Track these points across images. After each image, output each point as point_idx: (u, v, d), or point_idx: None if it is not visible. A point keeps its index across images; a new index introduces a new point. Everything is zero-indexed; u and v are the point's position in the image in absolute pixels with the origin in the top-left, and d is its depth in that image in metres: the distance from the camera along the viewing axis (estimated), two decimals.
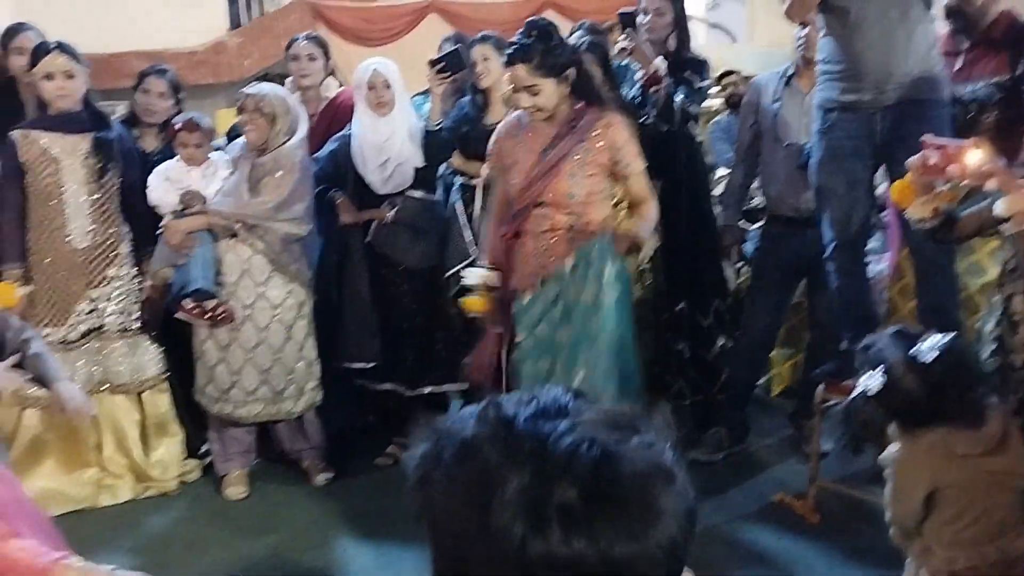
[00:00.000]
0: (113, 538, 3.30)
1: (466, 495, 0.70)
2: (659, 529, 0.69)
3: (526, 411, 0.73)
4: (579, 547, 0.66)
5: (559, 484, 0.67)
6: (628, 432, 0.72)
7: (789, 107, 3.59)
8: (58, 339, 3.41)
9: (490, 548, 0.67)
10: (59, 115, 3.37)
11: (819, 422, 3.31)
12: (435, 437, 0.75)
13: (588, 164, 2.82)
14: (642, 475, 0.70)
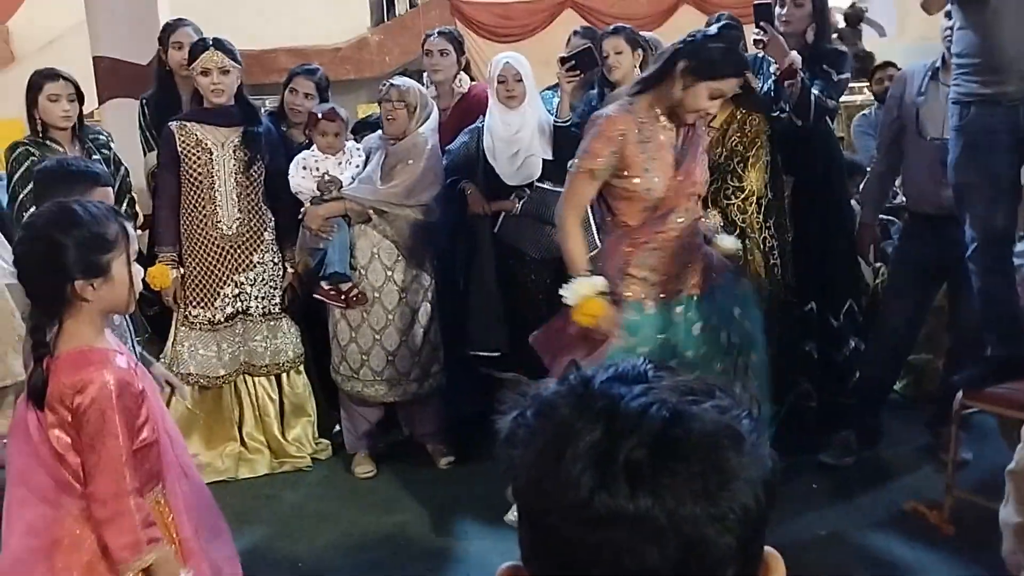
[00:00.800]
0: (251, 509, 3.49)
1: (542, 448, 0.72)
2: (729, 492, 0.69)
3: (604, 375, 0.75)
4: (645, 504, 0.67)
5: (627, 441, 0.68)
6: (702, 397, 0.73)
7: (934, 101, 3.44)
8: (206, 320, 3.63)
9: (561, 500, 0.69)
10: (213, 108, 3.57)
11: (957, 429, 3.16)
12: (521, 401, 0.78)
13: (700, 153, 2.84)
14: (710, 435, 0.70)
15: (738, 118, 3.47)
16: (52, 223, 1.83)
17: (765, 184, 3.49)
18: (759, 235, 3.47)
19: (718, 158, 3.44)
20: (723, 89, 2.68)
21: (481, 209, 3.74)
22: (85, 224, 1.81)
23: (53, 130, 3.61)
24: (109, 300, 1.85)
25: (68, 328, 1.82)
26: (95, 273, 1.80)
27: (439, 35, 4.04)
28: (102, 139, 3.80)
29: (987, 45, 2.91)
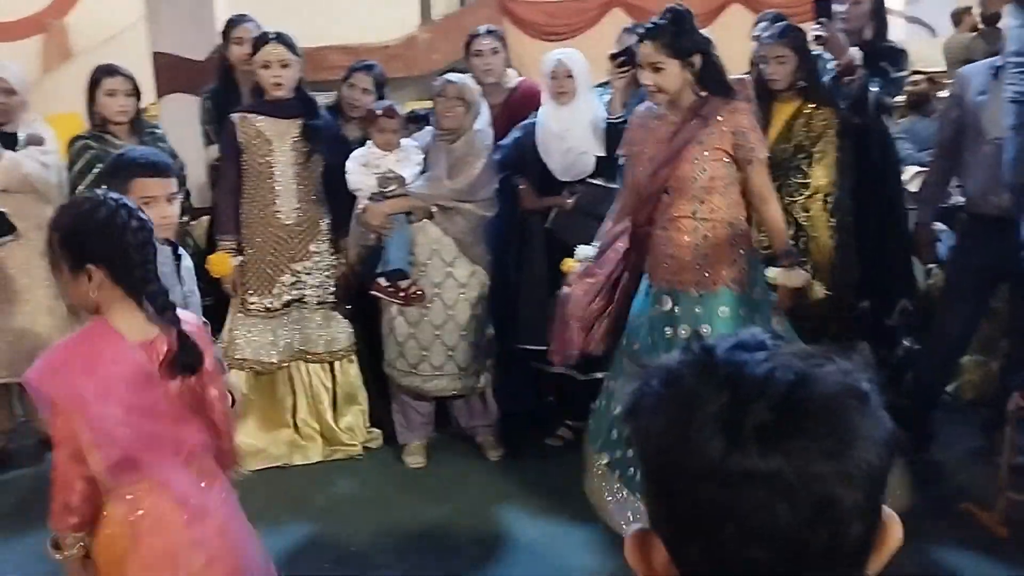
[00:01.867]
0: (304, 495, 3.56)
1: (670, 415, 0.75)
2: (855, 450, 0.71)
3: (726, 344, 0.78)
4: (776, 463, 0.69)
5: (755, 404, 0.71)
6: (824, 361, 0.75)
7: (995, 101, 3.38)
8: (263, 307, 3.70)
9: (692, 463, 0.72)
10: (273, 101, 3.63)
11: (1012, 431, 3.13)
12: (645, 374, 0.81)
13: (711, 149, 2.83)
14: (835, 396, 0.72)
15: (805, 112, 3.45)
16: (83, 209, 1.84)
17: (832, 181, 3.46)
18: (824, 233, 3.45)
19: (782, 154, 3.42)
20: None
21: (533, 205, 3.77)
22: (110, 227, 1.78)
23: (111, 124, 3.70)
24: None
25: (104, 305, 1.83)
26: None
27: (488, 34, 4.05)
28: (158, 133, 3.89)
29: None
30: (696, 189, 2.86)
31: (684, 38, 2.82)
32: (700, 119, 2.86)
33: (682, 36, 2.82)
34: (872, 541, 0.75)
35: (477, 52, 4.02)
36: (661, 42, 2.81)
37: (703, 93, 2.88)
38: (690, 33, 2.85)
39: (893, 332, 3.74)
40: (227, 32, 4.05)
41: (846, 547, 0.72)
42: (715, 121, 2.85)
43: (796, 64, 3.39)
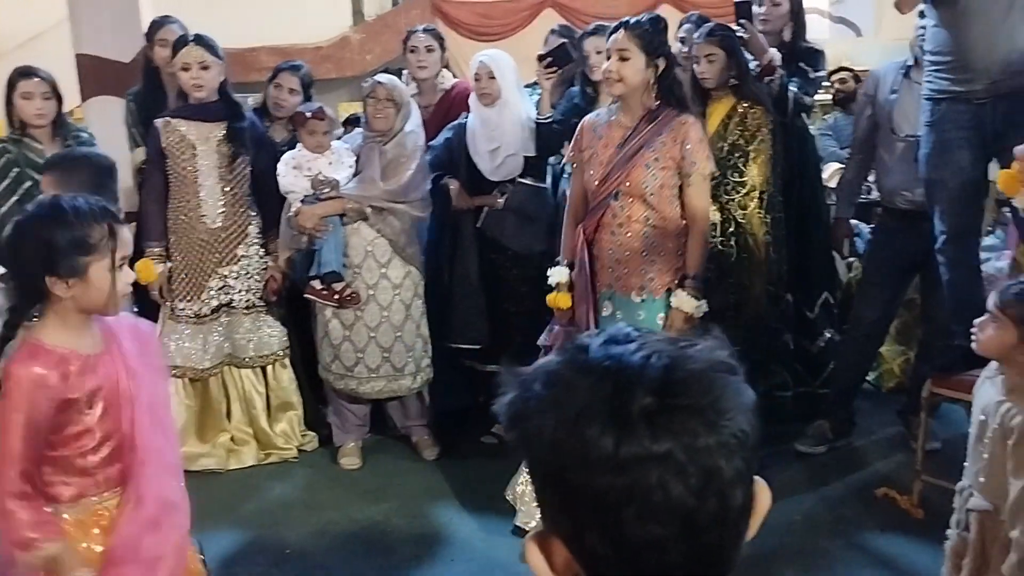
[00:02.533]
0: (240, 499, 3.54)
1: (557, 414, 0.78)
2: (730, 420, 0.76)
3: (598, 340, 0.82)
4: (666, 443, 0.73)
5: (636, 392, 0.75)
6: (689, 343, 0.81)
7: (907, 99, 3.52)
8: (192, 312, 3.67)
9: (586, 456, 0.75)
10: (197, 104, 3.60)
11: (927, 417, 3.26)
12: (520, 379, 0.83)
13: (663, 157, 2.86)
14: (707, 372, 0.78)
15: (739, 111, 3.50)
16: (39, 218, 1.84)
17: (767, 179, 3.53)
18: (760, 231, 3.54)
19: (719, 153, 3.47)
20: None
21: (464, 204, 3.80)
22: (70, 224, 1.80)
23: (30, 127, 3.63)
24: (84, 301, 1.84)
25: (48, 320, 1.85)
26: (70, 273, 1.80)
27: (424, 32, 4.08)
28: (84, 136, 3.82)
29: (956, 43, 2.99)
30: (646, 195, 2.88)
31: (657, 38, 2.87)
32: (654, 126, 2.88)
33: (655, 35, 2.87)
34: (750, 506, 0.80)
35: (412, 48, 4.03)
36: (635, 33, 2.85)
37: (657, 102, 2.91)
38: (662, 36, 2.91)
39: (815, 324, 3.86)
40: (151, 34, 4.00)
41: (732, 513, 0.77)
42: (668, 130, 2.88)
43: (726, 62, 3.45)
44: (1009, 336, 2.20)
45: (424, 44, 4.01)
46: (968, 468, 2.36)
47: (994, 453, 2.23)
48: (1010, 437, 2.17)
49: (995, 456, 2.23)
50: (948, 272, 3.15)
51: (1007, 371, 2.25)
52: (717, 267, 3.51)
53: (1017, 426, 2.16)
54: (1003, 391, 2.24)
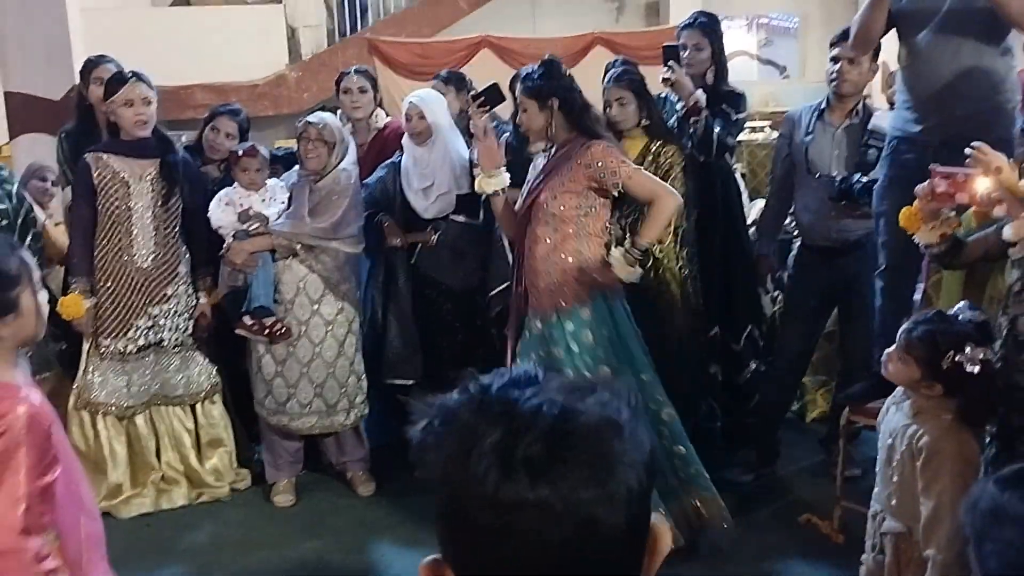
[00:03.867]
0: (170, 540, 3.50)
1: (450, 449, 0.82)
2: (616, 476, 0.79)
3: (500, 381, 0.86)
4: (543, 492, 0.76)
5: (524, 438, 0.78)
6: (586, 392, 0.84)
7: (820, 140, 3.67)
8: (117, 350, 3.63)
9: (470, 493, 0.79)
10: (130, 140, 3.58)
11: (845, 444, 3.39)
12: (427, 413, 0.88)
13: (567, 181, 3.07)
14: (596, 427, 0.81)
15: (652, 150, 3.62)
16: None
17: (682, 215, 3.67)
18: (676, 264, 3.65)
19: None
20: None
21: (398, 241, 3.85)
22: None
23: None
24: (21, 334, 1.87)
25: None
26: (5, 311, 1.81)
27: (356, 73, 4.15)
28: (3, 174, 3.80)
29: (909, 85, 3.11)
30: (548, 216, 3.09)
31: (544, 84, 3.11)
32: (563, 155, 3.11)
33: (542, 82, 3.11)
34: (639, 552, 0.84)
35: (346, 90, 4.10)
36: (525, 86, 3.16)
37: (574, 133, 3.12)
38: (552, 80, 3.12)
39: (741, 356, 3.98)
40: (86, 72, 3.98)
41: (612, 561, 0.81)
42: (574, 157, 3.08)
43: (636, 104, 3.60)
44: (913, 373, 2.32)
45: (357, 85, 4.09)
46: (879, 492, 2.47)
47: (904, 475, 2.35)
48: (918, 458, 2.29)
49: (905, 478, 2.34)
50: (880, 299, 3.27)
51: (913, 395, 2.37)
52: (637, 301, 3.62)
53: (925, 446, 2.27)
54: (910, 414, 2.36)
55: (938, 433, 2.27)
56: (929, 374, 2.28)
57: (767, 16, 11.51)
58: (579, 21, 10.12)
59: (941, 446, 2.26)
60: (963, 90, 2.97)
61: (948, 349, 2.24)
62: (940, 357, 2.25)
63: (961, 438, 2.28)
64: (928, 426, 2.29)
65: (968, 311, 2.35)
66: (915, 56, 3.07)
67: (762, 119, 9.34)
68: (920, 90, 3.07)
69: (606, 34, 9.78)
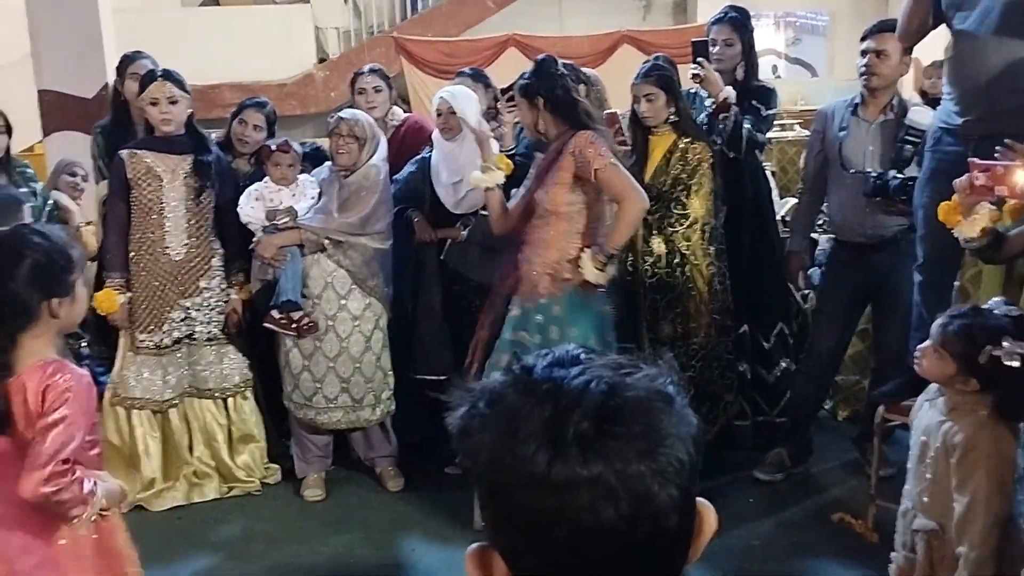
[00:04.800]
0: (201, 533, 3.52)
1: (497, 432, 0.81)
2: (666, 449, 0.78)
3: (543, 362, 0.85)
4: (596, 468, 0.76)
5: (573, 415, 0.77)
6: (632, 369, 0.84)
7: (855, 136, 3.62)
8: (153, 344, 3.66)
9: (521, 474, 0.78)
10: (164, 137, 3.63)
11: (880, 442, 3.34)
12: (469, 396, 0.86)
13: (556, 173, 3.11)
14: (645, 401, 0.80)
15: (680, 147, 3.62)
16: (27, 244, 1.91)
17: (709, 211, 3.66)
18: (703, 262, 3.64)
19: (661, 186, 3.61)
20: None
21: (427, 237, 3.86)
22: (57, 245, 1.93)
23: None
24: (71, 317, 1.97)
25: (28, 346, 1.90)
26: (64, 292, 1.92)
27: (371, 73, 4.17)
28: (29, 172, 3.89)
29: (952, 75, 3.06)
30: (543, 211, 3.15)
31: (531, 82, 3.19)
32: (556, 148, 3.17)
33: (531, 81, 3.20)
34: (690, 530, 0.83)
35: (361, 90, 4.13)
36: (517, 85, 3.26)
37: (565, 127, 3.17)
38: (540, 78, 3.19)
39: (771, 354, 3.95)
40: (122, 68, 4.04)
41: (666, 537, 0.79)
42: (564, 150, 3.14)
43: (665, 100, 3.59)
44: (948, 368, 2.29)
45: (372, 85, 4.12)
46: (910, 489, 2.44)
47: (937, 472, 2.31)
48: (952, 455, 2.26)
49: (938, 475, 2.31)
50: (919, 294, 3.22)
51: (947, 392, 2.33)
52: (663, 297, 3.62)
53: (960, 443, 2.24)
54: (944, 411, 2.33)
55: (973, 429, 2.24)
56: (965, 369, 2.25)
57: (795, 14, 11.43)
58: (606, 20, 10.12)
59: (977, 442, 2.23)
60: (1008, 84, 2.91)
61: (984, 343, 2.21)
62: (976, 352, 2.22)
63: (997, 434, 2.24)
64: (963, 422, 2.26)
65: (1003, 306, 2.31)
66: (961, 48, 3.02)
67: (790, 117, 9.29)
68: (964, 83, 3.01)
69: (633, 32, 9.78)
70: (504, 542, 0.82)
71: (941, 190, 3.01)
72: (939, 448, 2.29)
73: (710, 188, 3.64)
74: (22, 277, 1.88)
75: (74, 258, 1.96)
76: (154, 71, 3.64)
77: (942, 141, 3.11)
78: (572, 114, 3.17)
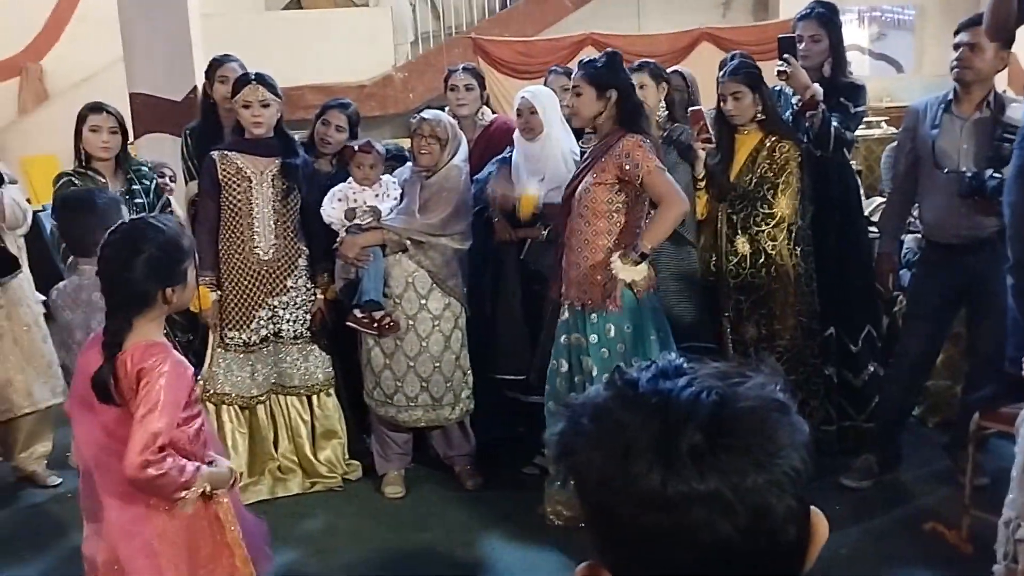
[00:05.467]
0: (284, 528, 3.56)
1: (606, 451, 0.79)
2: (782, 459, 0.76)
3: (648, 374, 0.82)
4: (713, 482, 0.73)
5: (685, 429, 0.75)
6: (740, 378, 0.81)
7: (948, 133, 3.50)
8: (241, 341, 3.75)
9: (634, 493, 0.76)
10: (253, 139, 3.70)
11: (975, 451, 3.23)
12: (570, 411, 0.84)
13: (599, 173, 3.13)
14: (758, 410, 0.78)
15: (767, 145, 3.58)
16: (142, 237, 2.03)
17: (796, 211, 3.59)
18: (790, 262, 3.58)
19: (748, 185, 3.56)
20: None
21: (508, 236, 3.86)
22: (168, 236, 2.04)
23: (96, 161, 3.80)
24: (181, 302, 2.10)
25: (138, 328, 2.02)
26: (178, 280, 2.04)
27: (464, 71, 4.19)
28: (144, 171, 3.97)
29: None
30: (583, 208, 3.17)
31: (606, 74, 3.15)
32: (600, 148, 3.17)
33: (605, 71, 3.16)
34: (805, 539, 0.80)
35: (453, 87, 4.15)
36: (585, 71, 3.19)
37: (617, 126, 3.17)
38: (614, 72, 3.17)
39: (858, 357, 3.84)
40: (211, 71, 4.13)
41: (784, 549, 0.77)
42: (611, 151, 3.13)
43: (752, 98, 3.53)
44: None
45: (463, 83, 4.13)
46: (1013, 499, 2.34)
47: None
48: None
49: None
50: (1012, 298, 3.11)
51: None
52: (748, 298, 3.55)
53: None
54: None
55: None
56: None
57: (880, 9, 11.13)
58: (685, 17, 10.01)
59: None
60: None
61: None
62: None
63: None
64: None
65: None
66: None
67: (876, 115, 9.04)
68: None
69: (713, 30, 9.64)
70: (616, 560, 0.80)
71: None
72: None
73: (797, 187, 3.57)
74: (140, 268, 1.99)
75: (185, 247, 2.08)
76: (247, 74, 3.71)
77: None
78: (635, 117, 3.19)
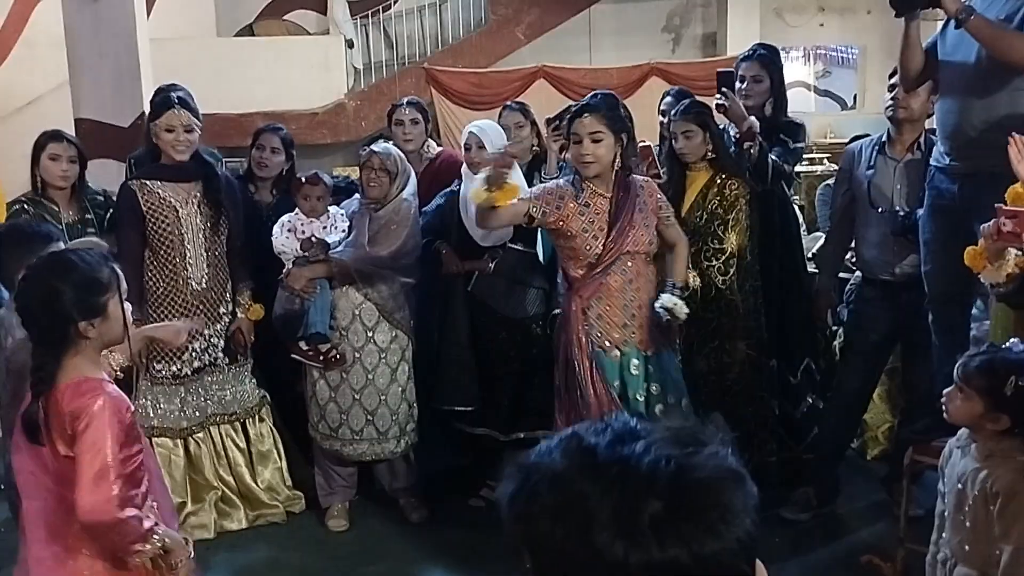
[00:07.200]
0: (227, 562, 3.54)
1: (566, 523, 0.80)
2: (736, 525, 0.80)
3: (604, 439, 0.84)
4: (674, 552, 0.77)
5: (646, 500, 0.78)
6: (696, 445, 0.84)
7: (883, 174, 3.60)
8: (170, 374, 3.66)
9: (598, 565, 0.78)
10: (171, 165, 3.56)
11: (909, 484, 3.29)
12: (524, 474, 0.85)
13: (647, 215, 3.15)
14: (716, 480, 0.81)
15: (718, 182, 3.66)
16: (52, 272, 2.01)
17: (745, 247, 3.67)
18: (739, 296, 3.64)
19: (699, 221, 3.63)
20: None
21: (455, 268, 3.87)
22: (81, 270, 2.01)
23: (51, 189, 3.75)
24: (107, 335, 2.06)
25: (67, 364, 2.00)
26: (95, 313, 2.00)
27: (408, 105, 4.21)
28: (100, 199, 3.91)
29: (940, 118, 3.14)
30: (648, 251, 3.15)
31: (619, 117, 3.13)
32: (630, 193, 3.12)
33: (619, 115, 3.13)
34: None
35: (398, 122, 4.17)
36: (602, 115, 3.06)
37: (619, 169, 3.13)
38: (621, 113, 3.16)
39: (798, 390, 3.91)
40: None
41: None
42: (643, 193, 3.15)
43: (703, 137, 3.62)
44: (976, 407, 2.26)
45: (409, 117, 4.15)
46: (948, 538, 2.40)
47: (977, 521, 2.28)
48: (993, 503, 2.22)
49: (978, 524, 2.27)
50: (935, 334, 3.21)
51: (979, 438, 2.30)
52: (698, 332, 3.60)
53: (1000, 490, 2.21)
54: (980, 458, 2.30)
55: (1012, 476, 2.21)
56: (992, 405, 2.24)
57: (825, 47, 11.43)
58: (635, 52, 10.18)
59: (1018, 489, 2.20)
60: (986, 121, 2.95)
61: (1008, 374, 2.19)
62: (1002, 384, 2.20)
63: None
64: (1001, 470, 2.23)
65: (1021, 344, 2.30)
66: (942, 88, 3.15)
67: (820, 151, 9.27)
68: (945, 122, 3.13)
69: (662, 64, 9.82)
70: None
71: (938, 226, 3.06)
72: (977, 496, 2.26)
73: (746, 224, 3.66)
74: (52, 303, 1.97)
75: (104, 280, 2.04)
76: (169, 97, 3.54)
77: (935, 179, 3.18)
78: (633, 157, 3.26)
